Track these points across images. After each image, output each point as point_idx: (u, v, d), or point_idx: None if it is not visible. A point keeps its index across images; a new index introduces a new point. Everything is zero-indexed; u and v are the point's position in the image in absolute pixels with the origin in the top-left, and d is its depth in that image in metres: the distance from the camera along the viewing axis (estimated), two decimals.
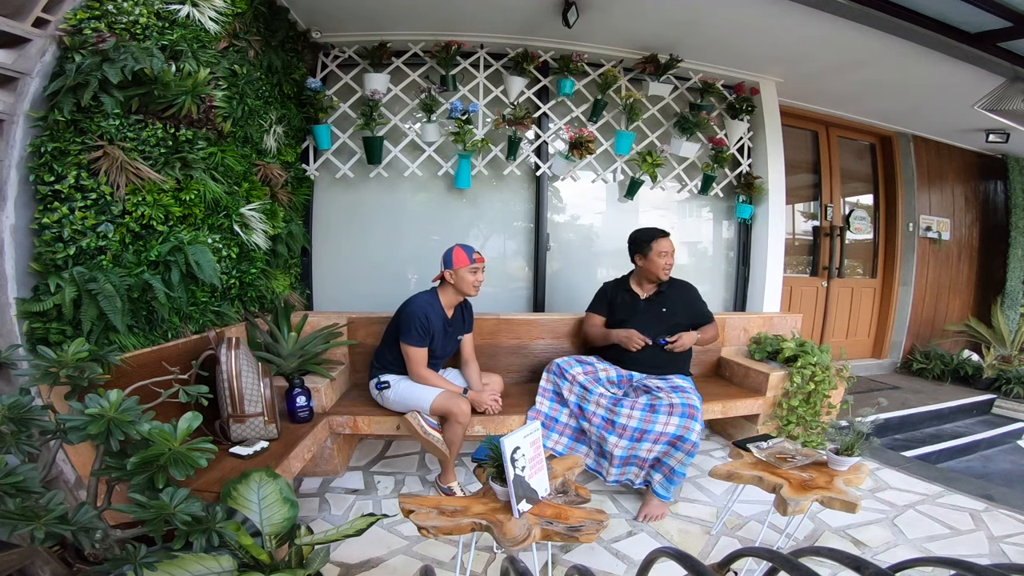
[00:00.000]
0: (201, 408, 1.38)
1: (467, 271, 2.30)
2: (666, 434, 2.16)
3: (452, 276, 2.32)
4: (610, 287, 2.77)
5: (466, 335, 2.56)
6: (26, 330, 1.54)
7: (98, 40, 1.63)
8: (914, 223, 4.90)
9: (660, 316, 2.57)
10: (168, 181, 1.85)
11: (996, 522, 2.18)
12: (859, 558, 0.74)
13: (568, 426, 2.43)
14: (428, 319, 2.28)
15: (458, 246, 2.32)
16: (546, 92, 3.42)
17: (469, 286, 2.32)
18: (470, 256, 2.30)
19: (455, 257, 2.30)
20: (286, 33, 2.82)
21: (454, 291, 2.37)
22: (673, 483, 2.18)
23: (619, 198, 3.70)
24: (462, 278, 2.31)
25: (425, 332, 2.29)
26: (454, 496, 2.22)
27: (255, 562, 1.16)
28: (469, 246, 2.33)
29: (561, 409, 2.45)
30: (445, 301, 2.38)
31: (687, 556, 0.86)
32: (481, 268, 2.34)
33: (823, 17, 2.75)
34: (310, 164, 3.21)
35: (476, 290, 2.35)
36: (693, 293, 2.70)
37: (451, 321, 2.42)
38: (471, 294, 2.38)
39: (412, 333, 2.27)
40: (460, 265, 2.30)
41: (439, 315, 2.35)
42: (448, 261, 2.32)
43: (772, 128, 3.72)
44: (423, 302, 2.32)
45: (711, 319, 2.68)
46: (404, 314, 2.32)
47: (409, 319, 2.28)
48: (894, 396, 3.98)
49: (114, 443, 1.09)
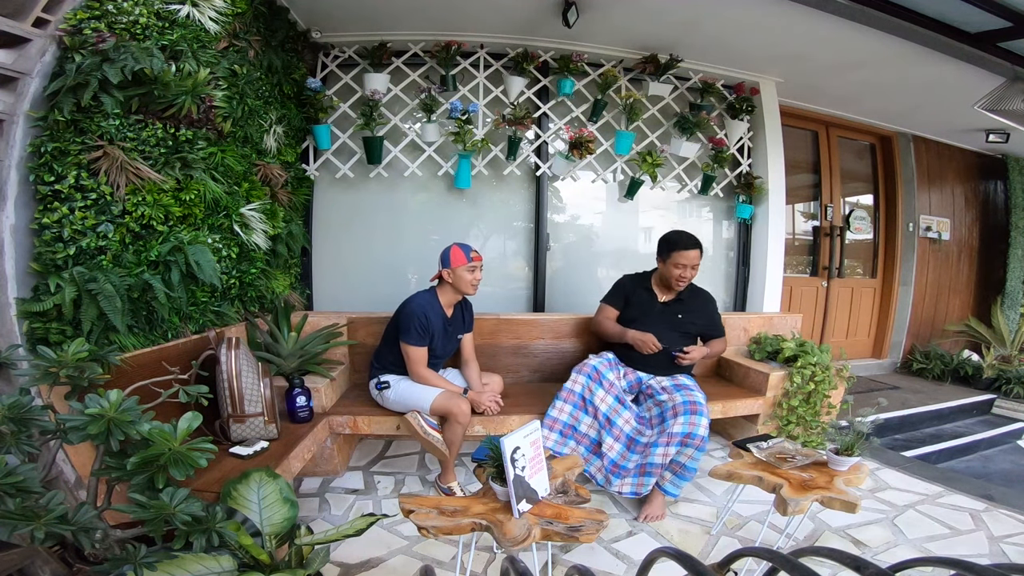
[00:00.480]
0: (201, 408, 1.38)
1: (465, 270, 2.30)
2: (675, 435, 2.15)
3: (450, 275, 2.32)
4: (628, 281, 2.68)
5: (466, 335, 2.56)
6: (26, 330, 1.54)
7: (98, 40, 1.63)
8: (914, 223, 4.90)
9: (674, 322, 2.51)
10: (168, 181, 1.85)
11: (996, 522, 2.18)
12: (859, 558, 0.74)
13: (587, 436, 2.32)
14: (427, 318, 2.28)
15: (455, 245, 2.32)
16: (546, 92, 3.42)
17: (467, 285, 2.32)
18: (467, 255, 2.30)
19: (453, 256, 2.30)
20: (286, 33, 2.82)
21: (452, 290, 2.36)
22: (684, 479, 2.16)
23: (619, 198, 3.70)
24: (460, 277, 2.31)
25: (425, 331, 2.28)
26: (454, 496, 2.22)
27: (255, 562, 1.16)
28: (466, 245, 2.33)
29: (583, 417, 2.33)
30: (444, 300, 2.38)
31: (687, 556, 0.86)
32: (479, 267, 2.34)
33: (823, 17, 2.75)
34: (310, 164, 3.21)
35: (474, 289, 2.35)
36: (712, 305, 2.64)
37: (451, 320, 2.42)
38: (469, 293, 2.37)
39: (412, 332, 2.27)
40: (458, 264, 2.30)
41: (438, 314, 2.35)
42: (446, 260, 2.32)
43: (772, 128, 3.72)
44: (422, 301, 2.32)
45: (722, 333, 2.65)
46: (403, 314, 2.32)
47: (408, 318, 2.28)
48: (894, 396, 3.98)
49: (114, 443, 1.09)
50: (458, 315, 2.47)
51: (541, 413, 2.36)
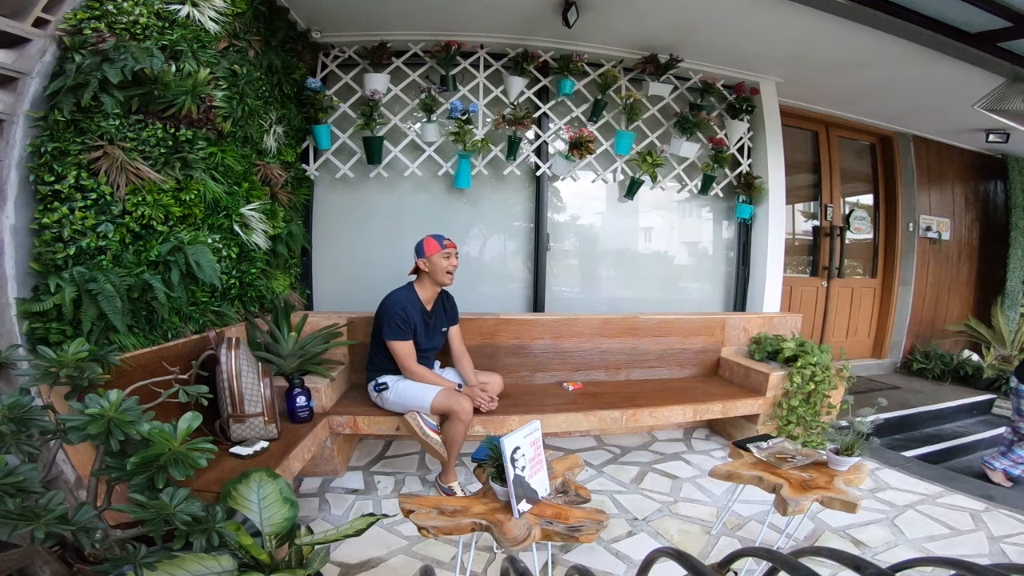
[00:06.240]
0: (201, 408, 1.38)
1: (440, 256, 2.34)
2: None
3: (426, 264, 2.36)
4: None
5: (452, 328, 2.58)
6: (26, 330, 1.53)
7: (98, 40, 1.63)
8: (914, 223, 4.90)
9: None
10: (168, 181, 1.85)
11: (996, 522, 2.18)
12: (859, 558, 0.74)
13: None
14: (405, 311, 2.31)
15: (428, 235, 2.37)
16: (546, 92, 3.41)
17: (442, 272, 2.36)
18: (440, 242, 2.35)
19: (426, 245, 2.35)
20: (286, 33, 2.82)
21: (431, 281, 2.40)
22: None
23: (619, 198, 3.70)
24: (435, 264, 2.35)
25: (405, 324, 2.31)
26: (455, 496, 2.22)
27: (255, 562, 1.16)
28: (439, 234, 2.38)
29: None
30: (424, 295, 2.41)
31: (687, 556, 0.86)
32: (454, 253, 2.39)
33: (823, 17, 2.75)
34: (310, 164, 3.21)
35: (451, 277, 2.39)
36: None
37: (431, 313, 2.45)
38: (446, 282, 2.40)
39: (392, 327, 2.30)
40: (432, 252, 2.34)
41: (417, 308, 2.38)
42: (420, 251, 2.37)
43: (772, 128, 3.71)
44: (398, 296, 2.36)
45: None
46: (381, 312, 2.36)
47: (386, 315, 2.32)
48: (894, 396, 3.98)
49: (114, 443, 1.09)
50: (439, 308, 2.50)
51: (541, 413, 2.36)
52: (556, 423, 2.52)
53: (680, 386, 3.03)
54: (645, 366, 3.21)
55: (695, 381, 3.16)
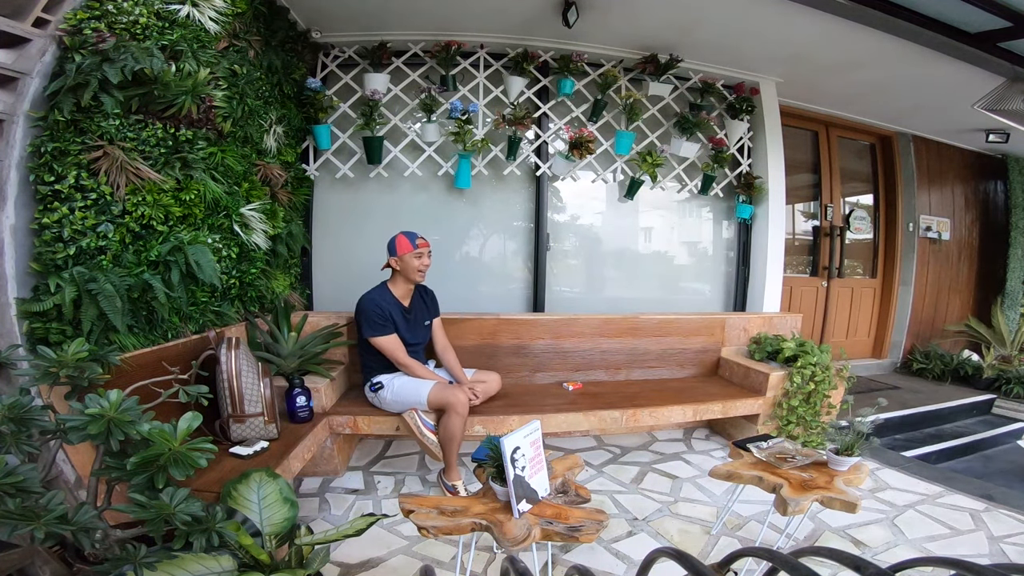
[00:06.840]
0: (201, 408, 1.38)
1: (411, 256, 2.36)
2: None
3: (397, 263, 2.38)
4: None
5: (435, 320, 2.60)
6: (26, 330, 1.53)
7: (98, 40, 1.63)
8: (914, 223, 4.90)
9: None
10: (168, 181, 1.85)
11: (996, 522, 2.18)
12: (859, 558, 0.74)
13: None
14: (380, 307, 2.34)
15: (401, 233, 2.38)
16: (546, 92, 3.41)
17: (414, 271, 2.37)
18: (413, 241, 2.36)
19: (399, 244, 2.36)
20: (286, 33, 2.82)
21: (403, 279, 2.42)
22: None
23: (619, 198, 3.70)
24: (407, 263, 2.36)
25: (383, 319, 2.33)
26: (457, 494, 2.22)
27: (255, 562, 1.16)
28: (412, 232, 2.39)
29: None
30: (398, 292, 2.43)
31: (687, 556, 0.86)
32: (426, 252, 2.40)
33: (823, 17, 2.75)
34: (310, 164, 3.21)
35: (422, 276, 2.41)
36: None
37: (409, 309, 2.46)
38: (417, 280, 2.42)
39: (371, 324, 2.32)
40: (404, 251, 2.35)
41: (393, 304, 2.39)
42: (392, 249, 2.38)
43: (772, 128, 3.71)
44: (371, 295, 2.39)
45: None
46: (357, 313, 2.39)
47: (363, 315, 2.34)
48: (894, 396, 3.98)
49: (114, 443, 1.09)
50: (418, 303, 2.52)
51: (541, 413, 2.36)
52: (556, 423, 2.52)
53: (680, 386, 3.03)
54: (645, 366, 3.21)
55: (695, 381, 3.16)
